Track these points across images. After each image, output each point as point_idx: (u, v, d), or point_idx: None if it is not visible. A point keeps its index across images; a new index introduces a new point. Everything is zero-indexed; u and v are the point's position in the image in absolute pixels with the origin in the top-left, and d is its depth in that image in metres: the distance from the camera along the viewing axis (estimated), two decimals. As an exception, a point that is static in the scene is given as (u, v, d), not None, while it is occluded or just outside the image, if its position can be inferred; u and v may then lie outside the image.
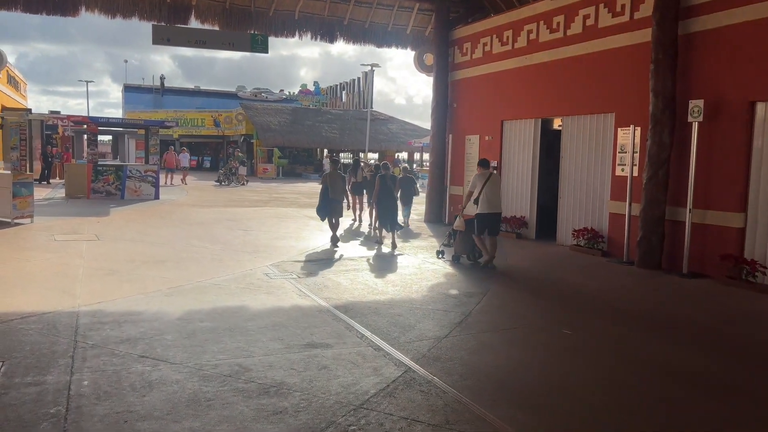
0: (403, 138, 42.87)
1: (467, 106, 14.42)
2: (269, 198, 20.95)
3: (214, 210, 16.18)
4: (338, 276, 8.34)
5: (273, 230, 12.78)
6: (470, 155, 14.26)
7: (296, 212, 16.41)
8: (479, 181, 9.05)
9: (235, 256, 9.59)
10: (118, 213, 14.65)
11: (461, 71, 14.56)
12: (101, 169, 17.81)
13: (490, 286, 8.11)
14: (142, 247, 10.06)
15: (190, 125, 46.16)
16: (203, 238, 11.30)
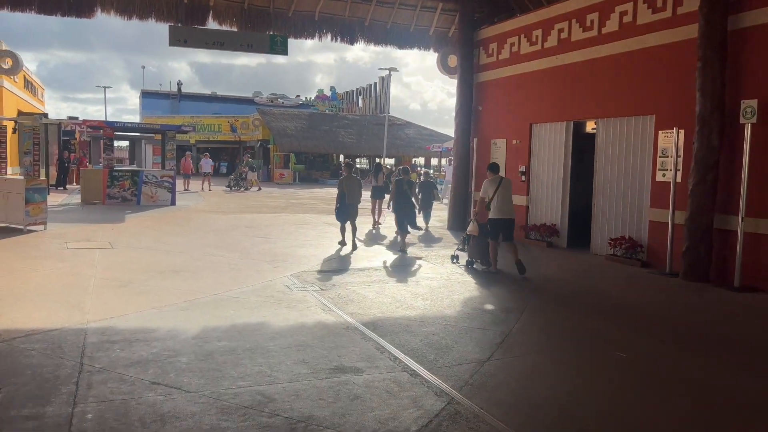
0: (420, 143, 42.36)
1: (493, 109, 13.87)
2: (286, 204, 20.53)
3: (231, 216, 15.78)
4: (363, 288, 7.83)
5: (292, 237, 12.31)
6: (497, 160, 13.65)
7: (314, 218, 15.94)
8: (490, 186, 8.89)
9: (253, 266, 9.12)
10: (134, 219, 14.28)
11: (487, 73, 14.02)
12: (117, 175, 17.50)
13: (527, 300, 7.54)
14: (157, 256, 9.63)
15: (206, 131, 46.08)
16: (220, 246, 10.86)
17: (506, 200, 8.87)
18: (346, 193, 11.03)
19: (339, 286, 7.94)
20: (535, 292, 8.05)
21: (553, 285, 8.70)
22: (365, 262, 9.89)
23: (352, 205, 11.07)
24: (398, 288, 7.92)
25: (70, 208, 16.49)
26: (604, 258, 10.56)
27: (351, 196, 11.05)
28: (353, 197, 11.08)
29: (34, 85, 22.56)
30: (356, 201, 11.18)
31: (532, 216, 12.62)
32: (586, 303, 7.65)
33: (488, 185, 8.94)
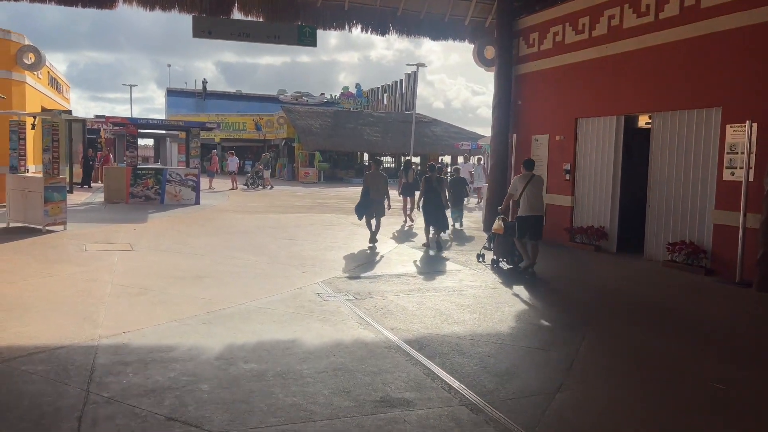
0: (447, 140, 41.49)
1: (534, 103, 13.02)
2: (312, 203, 19.90)
3: (256, 216, 15.19)
4: (401, 297, 7.10)
5: (320, 240, 11.63)
6: (538, 157, 12.81)
7: (342, 219, 15.26)
8: (520, 182, 8.73)
9: (281, 271, 8.45)
10: (156, 219, 13.77)
11: (527, 64, 13.16)
12: (140, 173, 17.05)
13: (586, 315, 6.73)
14: (178, 260, 9.03)
15: (231, 129, 45.82)
16: (246, 248, 10.23)
17: (536, 197, 8.63)
18: (371, 189, 10.95)
19: (375, 294, 7.22)
20: (593, 305, 7.23)
21: (612, 296, 7.86)
22: (400, 266, 9.17)
23: (376, 201, 10.97)
24: (440, 298, 7.16)
25: (92, 207, 16.08)
26: (660, 264, 9.66)
27: (375, 192, 10.95)
28: (378, 193, 10.96)
29: (59, 82, 22.29)
30: (381, 197, 11.01)
31: (577, 217, 11.75)
32: (654, 318, 6.80)
33: (518, 181, 8.79)
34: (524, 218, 8.64)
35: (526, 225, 8.62)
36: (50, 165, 11.42)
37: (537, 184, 8.75)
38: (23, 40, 15.92)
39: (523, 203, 8.64)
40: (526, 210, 8.62)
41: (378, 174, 11.20)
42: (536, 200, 8.65)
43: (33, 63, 15.61)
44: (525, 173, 8.83)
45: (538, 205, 8.68)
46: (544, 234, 12.40)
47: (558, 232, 11.96)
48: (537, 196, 8.67)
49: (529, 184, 8.62)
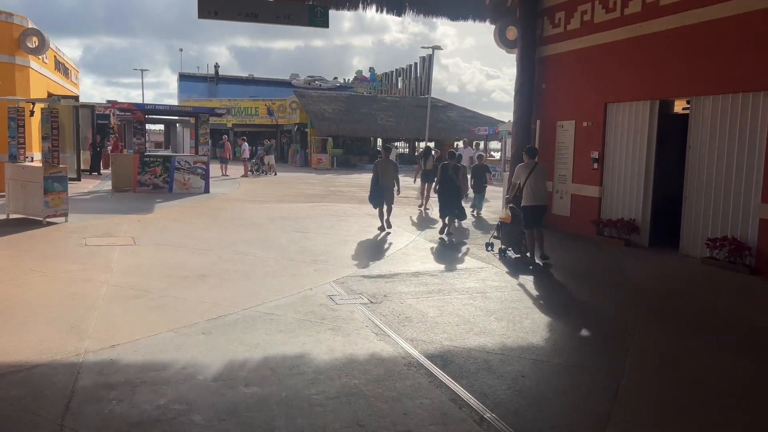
0: (463, 125, 40.60)
1: (559, 87, 12.25)
2: (325, 192, 19.31)
3: (267, 206, 14.63)
4: (420, 301, 6.50)
5: (333, 232, 11.05)
6: (563, 144, 12.11)
7: (356, 209, 14.66)
8: (523, 171, 8.58)
9: (290, 268, 7.89)
10: (163, 210, 13.26)
11: (552, 46, 12.37)
12: (148, 161, 16.55)
13: (625, 321, 6.08)
14: (182, 255, 8.49)
15: (243, 114, 45.30)
16: (254, 242, 9.68)
17: (539, 186, 8.50)
18: (380, 176, 10.95)
19: (391, 297, 6.63)
20: (632, 310, 6.58)
21: (651, 298, 7.19)
22: (417, 263, 8.56)
23: (385, 188, 10.98)
24: (463, 301, 6.55)
25: (98, 196, 15.63)
26: (699, 261, 8.96)
27: (384, 179, 10.95)
28: (386, 180, 10.95)
29: (67, 66, 21.79)
30: (390, 185, 11.03)
31: (606, 209, 11.04)
32: (702, 325, 6.13)
33: (521, 170, 8.65)
34: (528, 207, 8.49)
35: (532, 214, 8.49)
36: (50, 154, 10.90)
37: (540, 172, 8.58)
38: (26, 23, 15.39)
39: (527, 192, 8.48)
40: (530, 199, 8.47)
41: (387, 161, 11.21)
42: (539, 189, 8.49)
43: (37, 47, 15.09)
44: (528, 161, 8.66)
45: (542, 194, 8.55)
46: (568, 226, 11.80)
47: (584, 224, 11.27)
48: (540, 184, 8.51)
49: (532, 172, 8.46)
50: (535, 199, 8.48)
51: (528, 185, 8.47)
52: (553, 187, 12.32)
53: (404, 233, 11.18)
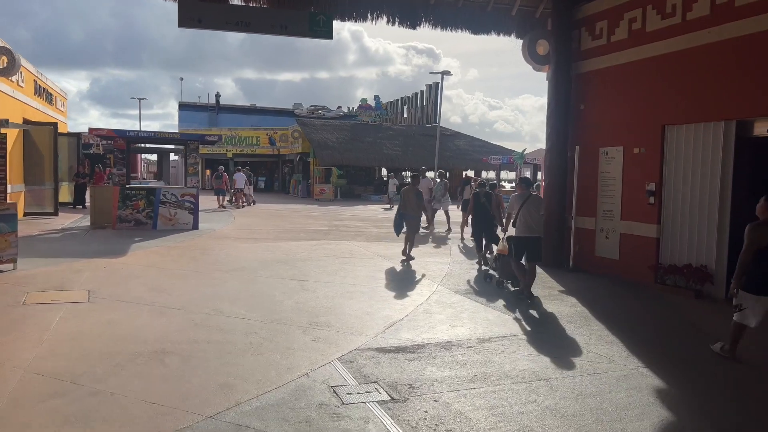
0: (472, 155, 39.05)
1: (602, 108, 10.49)
2: (329, 227, 17.46)
3: (262, 246, 12.77)
4: (461, 395, 4.59)
5: (337, 279, 9.17)
6: (608, 175, 10.29)
7: (364, 248, 12.80)
8: (517, 202, 8.43)
9: (282, 336, 6.00)
10: (139, 252, 11.40)
11: (592, 60, 10.66)
12: (129, 194, 14.77)
13: None
14: (143, 318, 6.61)
15: (244, 144, 43.87)
16: (239, 296, 7.81)
17: (532, 217, 8.28)
18: (404, 203, 11.11)
19: (419, 388, 4.72)
20: (754, 407, 4.64)
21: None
22: (447, 325, 6.66)
23: (408, 216, 11.02)
24: (522, 395, 4.63)
25: (71, 235, 13.80)
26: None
27: (405, 206, 11.06)
28: (408, 208, 11.04)
29: (51, 92, 20.26)
30: (413, 212, 11.06)
31: (666, 252, 9.15)
32: None
33: (514, 201, 8.50)
34: (520, 239, 8.34)
35: (523, 246, 8.36)
36: (-2, 186, 9.11)
37: (534, 203, 8.37)
38: (-4, 41, 13.83)
39: (519, 223, 8.30)
40: (523, 230, 8.28)
41: (412, 189, 11.17)
42: (533, 221, 8.28)
43: (5, 67, 13.49)
44: (522, 192, 8.48)
45: (536, 226, 8.33)
46: (618, 271, 9.90)
47: (638, 269, 9.38)
48: (534, 216, 8.29)
49: (525, 203, 8.29)
50: (527, 230, 8.25)
51: (521, 216, 8.26)
52: (596, 224, 10.46)
53: (426, 277, 9.29)
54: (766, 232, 5.30)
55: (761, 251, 5.29)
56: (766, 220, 5.37)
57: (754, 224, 5.39)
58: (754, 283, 5.33)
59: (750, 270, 5.34)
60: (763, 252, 5.29)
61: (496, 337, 6.34)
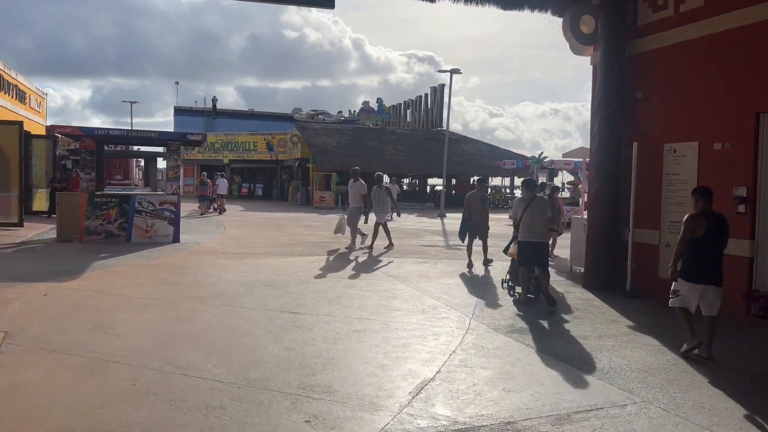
0: (480, 160, 37.09)
1: (667, 94, 8.53)
2: (328, 239, 15.44)
3: (250, 263, 10.78)
4: None
5: (340, 311, 7.17)
6: (675, 177, 8.31)
7: (371, 267, 10.80)
8: (519, 205, 8.09)
9: (258, 418, 4.00)
10: (98, 273, 9.40)
11: (653, 37, 8.71)
12: (99, 202, 12.79)
13: None
14: (63, 383, 4.61)
15: (241, 149, 41.97)
16: (209, 340, 5.82)
17: (535, 221, 7.96)
18: (468, 209, 11.04)
19: None
20: None
21: None
22: (497, 389, 4.66)
23: (475, 221, 10.94)
24: None
25: (27, 249, 11.81)
26: None
27: (470, 212, 10.99)
28: (473, 213, 10.96)
29: (23, 89, 18.33)
30: (479, 217, 10.96)
31: (762, 276, 7.15)
32: None
33: (517, 204, 8.22)
34: (523, 243, 8.04)
35: (527, 251, 8.00)
36: None
37: (537, 206, 8.03)
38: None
39: (522, 227, 8.01)
40: (525, 235, 7.99)
41: (477, 194, 11.08)
42: (536, 224, 7.96)
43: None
44: (525, 195, 8.23)
45: (540, 230, 8.01)
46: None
47: (726, 297, 7.36)
48: (537, 219, 7.98)
49: (528, 206, 7.97)
50: (530, 234, 7.93)
51: (524, 220, 7.96)
52: (660, 238, 8.47)
53: (453, 307, 7.28)
54: (700, 223, 5.62)
55: (696, 241, 5.62)
56: (699, 212, 5.70)
57: (690, 215, 5.75)
58: (689, 272, 5.69)
59: (686, 259, 5.70)
60: (697, 242, 5.61)
61: (577, 411, 4.32)
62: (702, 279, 5.63)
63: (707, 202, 5.70)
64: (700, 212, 5.67)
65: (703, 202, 5.69)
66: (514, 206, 8.30)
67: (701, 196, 5.71)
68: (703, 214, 5.64)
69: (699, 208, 5.70)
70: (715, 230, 5.60)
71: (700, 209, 5.69)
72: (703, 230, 5.57)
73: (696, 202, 5.75)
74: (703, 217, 5.62)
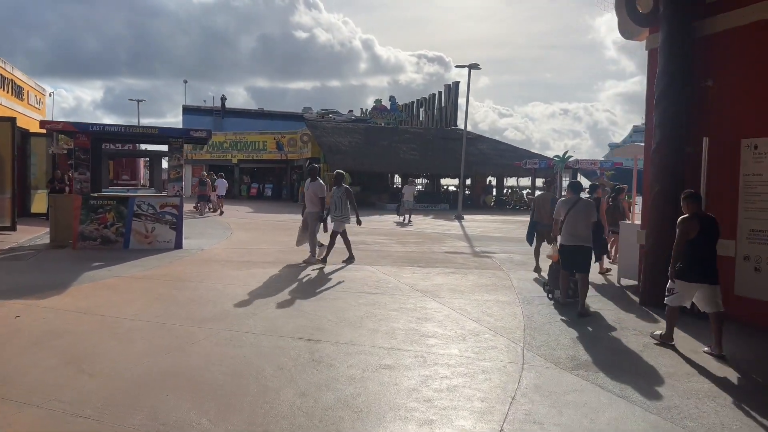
0: (497, 159, 35.85)
1: (746, 81, 7.28)
2: (342, 245, 14.27)
3: (258, 274, 9.65)
4: None
5: (365, 338, 6.00)
6: (756, 179, 7.07)
7: (393, 277, 9.65)
8: (563, 207, 7.73)
9: None
10: (86, 287, 8.29)
11: (726, 16, 7.47)
12: (95, 204, 11.70)
13: None
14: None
15: (250, 149, 40.93)
16: (208, 377, 4.67)
17: (579, 223, 7.57)
18: (535, 212, 10.53)
19: None
20: None
21: None
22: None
23: (544, 225, 10.21)
24: None
25: (14, 257, 10.74)
26: None
27: (541, 216, 10.29)
28: (544, 218, 10.13)
29: (20, 84, 17.33)
30: (549, 220, 9.50)
31: None
32: None
33: (560, 206, 7.81)
34: (565, 247, 7.70)
35: (568, 254, 7.68)
36: None
37: (582, 209, 7.66)
38: None
39: (565, 230, 7.66)
40: (566, 238, 7.66)
41: (546, 196, 10.52)
42: (579, 227, 7.59)
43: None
44: (570, 197, 7.84)
45: (582, 233, 7.61)
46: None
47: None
48: (580, 222, 7.60)
49: (572, 209, 7.62)
50: (572, 238, 7.64)
51: (566, 222, 7.68)
52: (736, 250, 7.23)
53: (498, 332, 6.09)
54: (693, 225, 5.85)
55: (690, 243, 5.84)
56: (692, 215, 5.92)
57: (683, 218, 5.95)
58: (684, 271, 5.88)
59: (681, 259, 5.88)
60: (691, 243, 5.84)
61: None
62: (697, 278, 5.89)
63: (697, 204, 6.03)
64: (693, 214, 5.93)
65: (694, 205, 5.98)
66: (558, 207, 7.94)
67: (691, 199, 6.00)
68: (695, 216, 5.91)
69: (690, 210, 5.96)
70: (707, 231, 5.88)
71: (692, 212, 5.95)
72: (696, 232, 5.84)
73: (687, 206, 6.00)
74: (696, 219, 5.88)
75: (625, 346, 6.12)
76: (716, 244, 5.95)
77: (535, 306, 7.78)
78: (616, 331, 6.68)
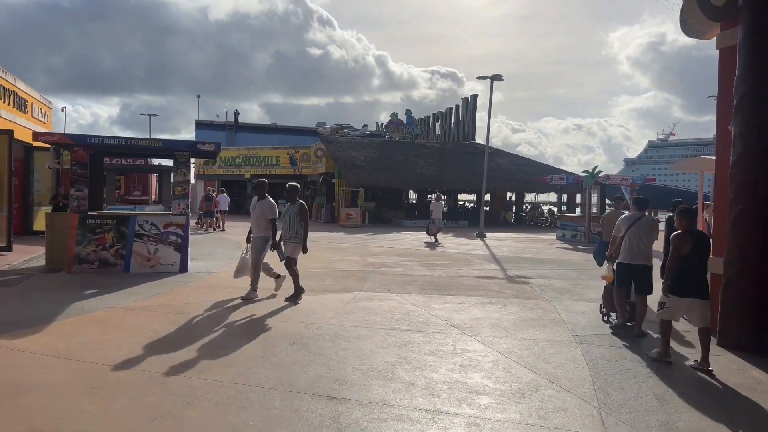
0: (517, 174, 34.64)
1: None
2: (363, 265, 13.15)
3: (269, 304, 8.54)
4: None
5: (402, 399, 4.84)
6: None
7: (423, 308, 8.47)
8: (624, 223, 7.42)
9: None
10: (72, 321, 7.21)
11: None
12: (93, 224, 10.69)
13: None
14: None
15: (263, 164, 40.10)
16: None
17: (640, 241, 7.23)
18: (603, 231, 9.46)
19: None
20: None
21: None
22: None
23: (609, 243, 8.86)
24: None
25: (2, 282, 9.72)
26: None
27: (608, 233, 8.63)
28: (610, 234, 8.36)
29: (22, 96, 16.51)
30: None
31: None
32: None
33: (621, 222, 7.49)
34: (623, 266, 7.33)
35: (626, 274, 7.32)
36: None
37: (644, 226, 7.27)
38: None
39: (624, 247, 7.31)
40: (627, 256, 7.29)
41: (616, 213, 9.06)
42: (639, 246, 7.22)
43: None
44: (634, 213, 7.51)
45: (643, 252, 7.24)
46: None
47: None
48: (641, 240, 7.22)
49: (633, 225, 7.27)
50: (632, 256, 7.22)
51: (627, 239, 7.25)
52: None
53: (563, 388, 4.89)
54: (686, 241, 5.94)
55: (683, 258, 5.92)
56: (684, 231, 6.04)
57: (676, 233, 6.07)
58: (676, 286, 5.93)
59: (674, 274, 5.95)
60: (684, 259, 5.92)
61: None
62: (688, 293, 5.92)
63: (691, 221, 6.11)
64: (686, 230, 6.03)
65: (688, 222, 6.07)
66: (618, 223, 7.59)
67: (686, 215, 6.06)
68: (688, 232, 6.01)
69: (683, 226, 6.06)
70: (699, 247, 5.98)
71: (685, 227, 6.05)
72: (689, 247, 5.91)
73: (680, 221, 6.10)
74: (688, 235, 5.98)
75: (724, 401, 4.90)
76: (708, 260, 6.18)
77: (596, 347, 6.56)
78: (705, 383, 5.45)
